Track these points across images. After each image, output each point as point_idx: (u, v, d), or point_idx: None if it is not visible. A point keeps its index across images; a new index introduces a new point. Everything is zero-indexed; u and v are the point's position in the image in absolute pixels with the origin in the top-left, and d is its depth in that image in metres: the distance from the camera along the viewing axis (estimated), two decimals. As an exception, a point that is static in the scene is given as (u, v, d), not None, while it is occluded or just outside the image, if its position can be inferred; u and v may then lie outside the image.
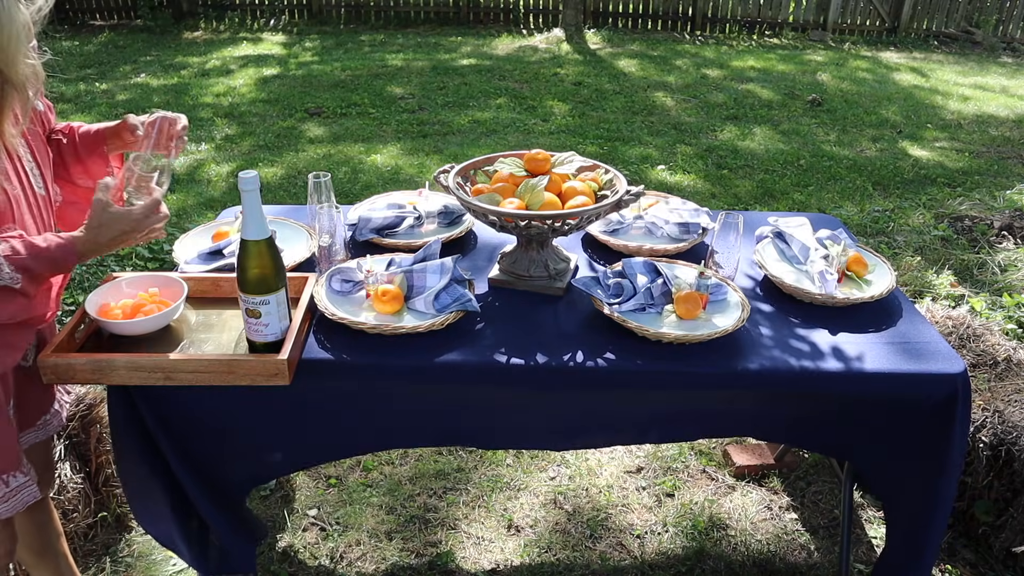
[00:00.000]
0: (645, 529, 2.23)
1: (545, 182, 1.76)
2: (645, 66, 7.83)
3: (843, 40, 9.49)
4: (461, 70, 7.49)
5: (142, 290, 1.62)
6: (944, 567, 2.11)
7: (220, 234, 1.93)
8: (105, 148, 1.58)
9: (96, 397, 2.20)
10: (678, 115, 6.22)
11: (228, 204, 4.20)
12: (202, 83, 6.85)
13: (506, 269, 1.82)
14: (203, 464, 1.62)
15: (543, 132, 5.73)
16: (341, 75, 7.18)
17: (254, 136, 5.50)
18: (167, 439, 1.56)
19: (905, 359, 1.58)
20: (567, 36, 9.08)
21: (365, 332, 1.58)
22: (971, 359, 2.34)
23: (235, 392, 1.52)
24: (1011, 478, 2.04)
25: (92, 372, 1.42)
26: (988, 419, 2.10)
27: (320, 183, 1.88)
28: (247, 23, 9.69)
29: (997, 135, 5.96)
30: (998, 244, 3.87)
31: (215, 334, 1.59)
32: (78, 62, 7.62)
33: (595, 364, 1.54)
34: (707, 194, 4.62)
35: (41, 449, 1.59)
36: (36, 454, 1.55)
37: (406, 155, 5.17)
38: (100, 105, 6.16)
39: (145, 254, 3.62)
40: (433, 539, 2.18)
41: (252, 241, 1.38)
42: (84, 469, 2.13)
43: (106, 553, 2.10)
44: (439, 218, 2.08)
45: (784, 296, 1.81)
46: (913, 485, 1.63)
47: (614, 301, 1.66)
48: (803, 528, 2.25)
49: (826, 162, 5.16)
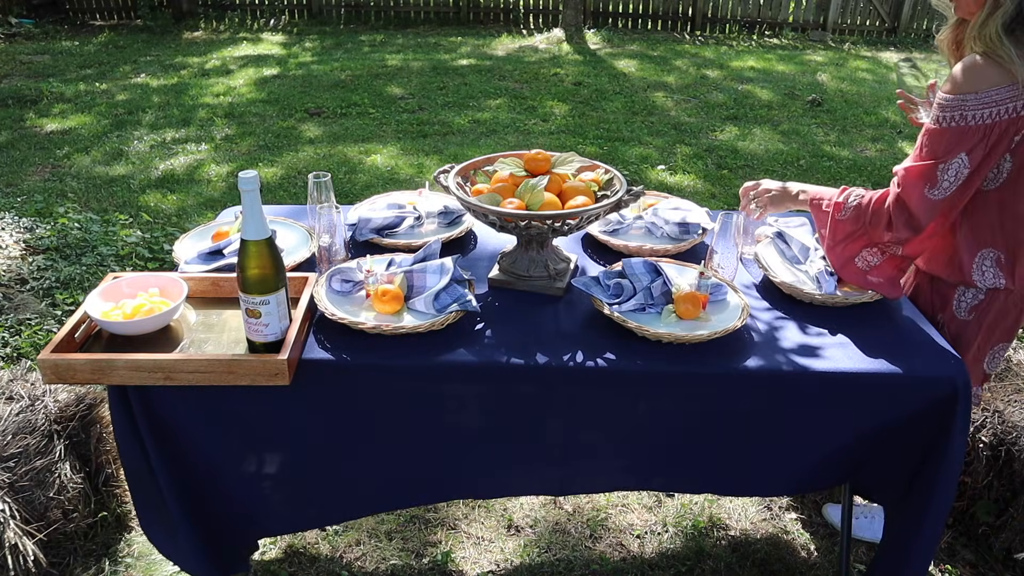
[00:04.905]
0: (645, 529, 2.23)
1: (545, 182, 1.76)
2: (645, 66, 7.83)
3: (843, 40, 9.49)
4: (461, 70, 7.50)
5: (142, 290, 1.62)
6: (944, 567, 2.11)
7: (220, 234, 1.93)
8: None
9: (96, 397, 2.20)
10: (678, 115, 6.22)
11: (228, 204, 4.20)
12: (202, 83, 6.85)
13: (506, 269, 1.82)
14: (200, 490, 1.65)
15: (543, 132, 5.73)
16: (341, 75, 7.18)
17: (254, 136, 5.51)
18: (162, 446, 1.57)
19: (905, 359, 1.58)
20: (567, 36, 9.08)
21: (365, 332, 1.58)
22: (971, 359, 2.34)
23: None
24: (1011, 478, 2.04)
25: (92, 372, 1.42)
26: (988, 419, 2.10)
27: (320, 183, 1.88)
28: (247, 23, 9.69)
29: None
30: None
31: (215, 334, 1.59)
32: (78, 62, 7.62)
33: (595, 364, 1.54)
34: (707, 194, 4.62)
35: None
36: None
37: (406, 155, 5.17)
38: (100, 105, 6.16)
39: (145, 254, 3.62)
40: (433, 539, 2.18)
41: (252, 241, 1.38)
42: (84, 469, 2.13)
43: (106, 553, 2.10)
44: (439, 218, 2.08)
45: (784, 296, 1.81)
46: (913, 486, 1.63)
47: (614, 301, 1.66)
48: (803, 528, 2.25)
49: (826, 162, 5.16)
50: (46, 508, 1.98)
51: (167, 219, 4.14)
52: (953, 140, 1.51)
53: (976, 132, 1.50)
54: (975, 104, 1.49)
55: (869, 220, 1.64)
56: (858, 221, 1.67)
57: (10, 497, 1.89)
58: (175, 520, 1.62)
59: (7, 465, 1.92)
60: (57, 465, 2.02)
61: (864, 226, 1.66)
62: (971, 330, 1.74)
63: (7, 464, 1.92)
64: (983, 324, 1.73)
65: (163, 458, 1.57)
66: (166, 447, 1.58)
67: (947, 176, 1.54)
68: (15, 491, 1.92)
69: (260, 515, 1.74)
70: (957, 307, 1.74)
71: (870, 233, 1.66)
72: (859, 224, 1.67)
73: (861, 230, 1.67)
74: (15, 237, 3.54)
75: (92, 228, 3.75)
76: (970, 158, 1.52)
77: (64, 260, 3.46)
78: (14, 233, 3.58)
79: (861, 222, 1.66)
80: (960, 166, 1.53)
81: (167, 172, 4.82)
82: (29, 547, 1.88)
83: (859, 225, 1.67)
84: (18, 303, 3.07)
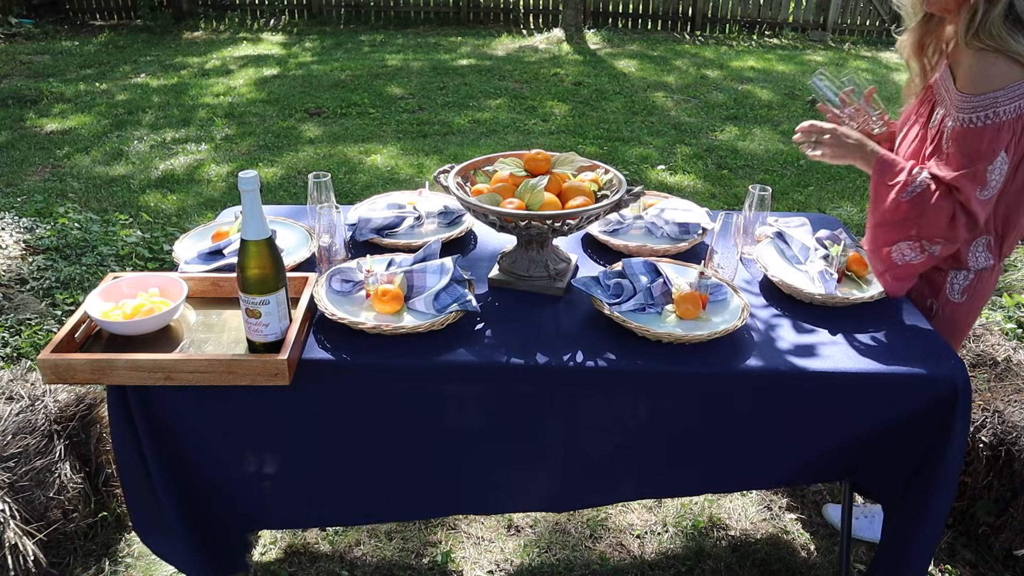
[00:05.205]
0: (645, 529, 2.23)
1: (545, 182, 1.76)
2: (645, 66, 7.83)
3: (843, 40, 9.49)
4: (461, 70, 7.49)
5: (142, 290, 1.62)
6: (944, 567, 2.11)
7: (220, 234, 1.93)
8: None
9: (96, 397, 2.20)
10: (678, 115, 6.22)
11: (228, 204, 4.20)
12: (202, 83, 6.85)
13: (506, 269, 1.82)
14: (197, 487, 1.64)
15: (543, 132, 5.73)
16: (341, 75, 7.18)
17: (254, 136, 5.50)
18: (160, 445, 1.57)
19: (905, 359, 1.58)
20: (567, 36, 9.08)
21: (365, 332, 1.58)
22: (971, 359, 2.34)
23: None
24: (1011, 478, 2.04)
25: (92, 372, 1.42)
26: (988, 419, 2.10)
27: (320, 183, 1.88)
28: (247, 23, 9.69)
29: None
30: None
31: (215, 334, 1.59)
32: (78, 62, 7.62)
33: (595, 364, 1.54)
34: (707, 194, 4.62)
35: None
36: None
37: (406, 155, 5.17)
38: (100, 105, 6.16)
39: (145, 254, 3.62)
40: (433, 539, 2.18)
41: (252, 241, 1.38)
42: (84, 469, 2.13)
43: (106, 553, 2.10)
44: (439, 218, 2.08)
45: (784, 296, 1.81)
46: (913, 486, 1.63)
47: (614, 301, 1.66)
48: (803, 528, 2.25)
49: (826, 162, 5.15)
50: (46, 508, 1.98)
51: (167, 219, 4.14)
52: (992, 138, 1.53)
53: (1009, 127, 1.53)
54: (1005, 100, 1.52)
55: (931, 209, 1.60)
56: (919, 207, 1.61)
57: (10, 497, 1.89)
58: (171, 521, 1.61)
59: (7, 465, 1.92)
60: (57, 465, 2.02)
61: (922, 214, 1.61)
62: (963, 310, 1.80)
63: (7, 464, 1.92)
64: (974, 302, 1.80)
65: (161, 459, 1.57)
66: (164, 448, 1.57)
67: (993, 176, 1.56)
68: (15, 491, 1.92)
69: (260, 515, 1.74)
70: (951, 291, 1.79)
71: (923, 223, 1.62)
72: (918, 210, 1.62)
73: (916, 217, 1.63)
74: (15, 237, 3.54)
75: (92, 228, 3.75)
76: (1008, 153, 1.56)
77: (64, 260, 3.45)
78: (14, 233, 3.58)
79: (921, 209, 1.61)
80: (1002, 163, 1.56)
81: (167, 172, 4.82)
82: (29, 547, 1.88)
83: (917, 211, 1.62)
84: (18, 303, 3.06)
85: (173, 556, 1.73)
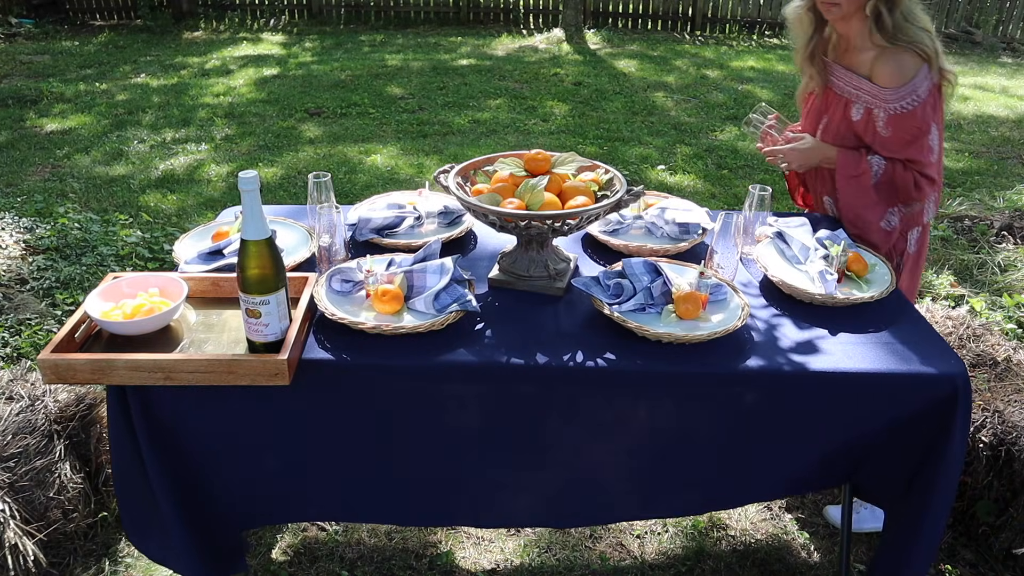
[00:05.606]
0: (645, 529, 2.23)
1: (545, 182, 1.76)
2: (645, 66, 7.83)
3: (843, 40, 9.49)
4: (461, 70, 7.50)
5: (142, 290, 1.62)
6: (944, 567, 2.11)
7: (220, 234, 1.93)
8: None
9: (96, 397, 2.20)
10: (678, 115, 6.22)
11: (228, 204, 4.20)
12: (202, 83, 6.85)
13: (506, 269, 1.82)
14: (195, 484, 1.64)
15: (543, 132, 5.73)
16: (341, 75, 7.18)
17: (254, 136, 5.51)
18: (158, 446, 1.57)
19: (905, 359, 1.58)
20: (567, 36, 9.08)
21: (365, 332, 1.58)
22: (971, 359, 2.34)
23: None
24: (1011, 478, 2.04)
25: (92, 372, 1.42)
26: (988, 419, 2.10)
27: (320, 183, 1.88)
28: (247, 23, 9.69)
29: (997, 135, 5.96)
30: (998, 244, 3.87)
31: (215, 334, 1.59)
32: (78, 62, 7.62)
33: (595, 364, 1.54)
34: (707, 194, 4.62)
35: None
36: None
37: (406, 155, 5.17)
38: (100, 105, 6.16)
39: (145, 254, 3.62)
40: (433, 539, 2.18)
41: (252, 241, 1.38)
42: (84, 469, 2.13)
43: (106, 553, 2.10)
44: (439, 218, 2.08)
45: (784, 296, 1.81)
46: (913, 486, 1.63)
47: (614, 301, 1.66)
48: (803, 528, 2.25)
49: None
50: (46, 508, 1.98)
51: (167, 219, 4.14)
52: (922, 115, 1.92)
53: (930, 102, 1.92)
54: (920, 82, 1.90)
55: (899, 182, 1.98)
56: (889, 184, 1.99)
57: (10, 497, 1.90)
58: (170, 522, 1.61)
59: (7, 465, 1.92)
60: (57, 465, 2.02)
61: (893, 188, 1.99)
62: (913, 260, 2.14)
63: (7, 464, 1.92)
64: (922, 251, 2.16)
65: (159, 459, 1.57)
66: (163, 448, 1.57)
67: (934, 142, 1.97)
68: (15, 491, 1.92)
69: (259, 515, 1.74)
70: (909, 244, 2.12)
71: (898, 193, 2.00)
72: (888, 187, 1.99)
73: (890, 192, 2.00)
74: (15, 237, 3.54)
75: (92, 228, 3.75)
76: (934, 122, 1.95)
77: (64, 260, 3.46)
78: (14, 233, 3.58)
79: (891, 185, 1.99)
80: (935, 130, 1.97)
81: (167, 172, 4.82)
82: (29, 547, 1.88)
83: (889, 188, 1.99)
84: (18, 303, 3.07)
85: (171, 558, 1.72)
